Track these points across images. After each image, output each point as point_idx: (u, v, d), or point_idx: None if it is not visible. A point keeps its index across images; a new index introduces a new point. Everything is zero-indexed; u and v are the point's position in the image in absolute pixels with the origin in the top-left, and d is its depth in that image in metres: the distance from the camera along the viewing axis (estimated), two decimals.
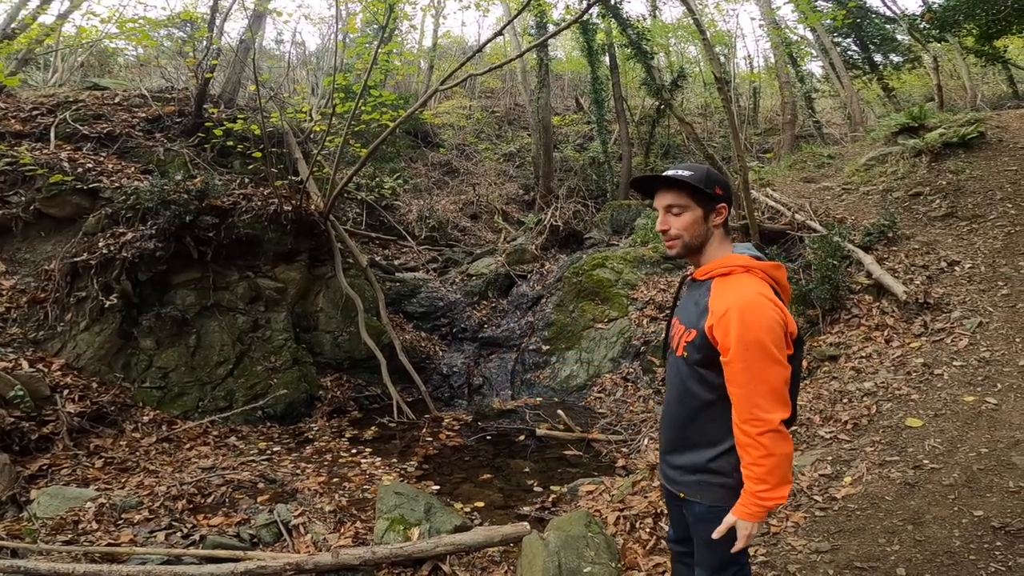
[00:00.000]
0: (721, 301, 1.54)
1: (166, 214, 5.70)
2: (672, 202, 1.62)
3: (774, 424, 1.47)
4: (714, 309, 1.54)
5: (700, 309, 1.60)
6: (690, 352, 1.60)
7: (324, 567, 3.00)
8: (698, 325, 1.58)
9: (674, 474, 1.70)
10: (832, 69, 14.04)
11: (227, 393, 5.85)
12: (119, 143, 7.12)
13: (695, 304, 1.63)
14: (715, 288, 1.59)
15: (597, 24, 13.50)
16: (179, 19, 10.35)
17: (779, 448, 1.47)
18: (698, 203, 1.61)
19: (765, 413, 1.47)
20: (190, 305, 5.95)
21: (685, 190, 1.60)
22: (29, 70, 10.05)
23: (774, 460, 1.47)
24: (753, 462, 1.48)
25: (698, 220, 1.62)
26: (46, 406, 4.68)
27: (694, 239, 1.63)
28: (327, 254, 7.36)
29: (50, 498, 3.77)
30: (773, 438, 1.47)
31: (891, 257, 5.89)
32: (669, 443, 1.73)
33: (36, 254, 5.84)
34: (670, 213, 1.63)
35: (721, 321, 1.51)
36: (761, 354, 1.47)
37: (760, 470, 1.47)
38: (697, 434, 1.63)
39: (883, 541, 2.60)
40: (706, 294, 1.60)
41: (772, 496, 1.48)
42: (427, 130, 15.29)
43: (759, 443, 1.47)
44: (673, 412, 1.70)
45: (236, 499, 4.05)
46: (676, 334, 1.70)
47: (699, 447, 1.62)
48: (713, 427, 1.60)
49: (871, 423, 3.70)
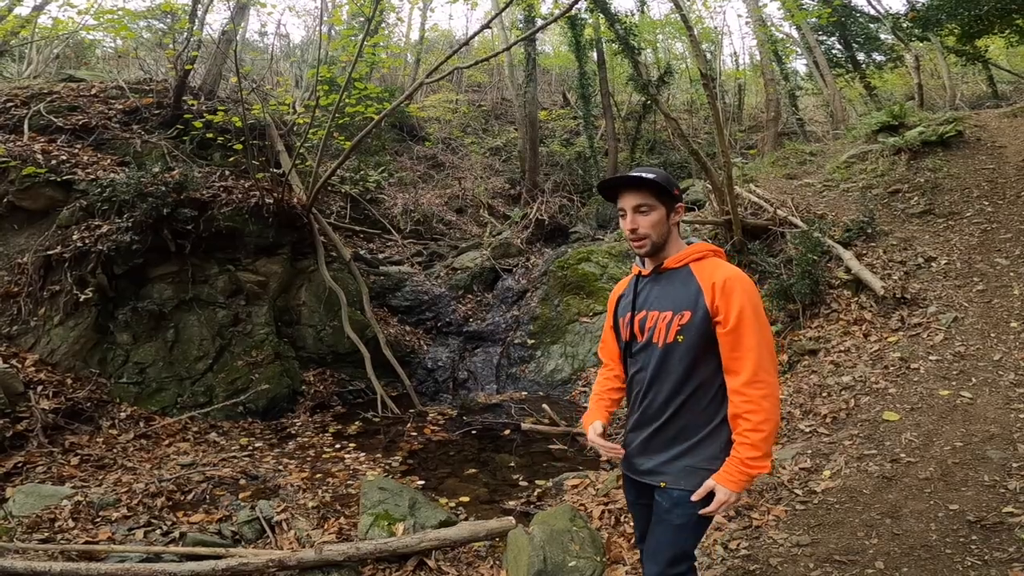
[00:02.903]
0: (714, 275, 1.64)
1: (143, 207, 5.59)
2: (641, 201, 1.69)
3: (777, 387, 1.58)
4: (710, 284, 1.63)
5: (691, 291, 1.67)
6: (687, 334, 1.64)
7: (307, 563, 2.98)
8: (695, 305, 1.64)
9: (655, 465, 1.72)
10: (816, 67, 14.19)
11: (207, 388, 5.77)
12: (95, 135, 6.96)
13: (680, 289, 1.70)
14: (696, 270, 1.70)
15: (585, 19, 13.48)
16: (159, 11, 10.11)
17: (776, 414, 1.56)
18: (662, 202, 1.70)
19: (769, 376, 1.56)
20: (168, 299, 5.85)
21: (652, 190, 1.68)
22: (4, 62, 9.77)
23: (771, 426, 1.55)
24: (753, 427, 1.55)
25: (662, 219, 1.71)
26: (20, 403, 4.61)
27: (660, 237, 1.72)
28: (310, 247, 7.28)
29: (25, 496, 3.71)
30: (774, 403, 1.55)
31: (870, 253, 5.97)
32: (651, 437, 1.73)
33: (9, 247, 5.70)
34: (639, 212, 1.70)
35: (723, 291, 1.60)
36: (763, 320, 1.60)
37: (757, 436, 1.54)
38: (692, 419, 1.67)
39: (862, 535, 2.65)
40: (689, 278, 1.70)
41: (759, 465, 1.55)
42: (413, 124, 15.16)
43: (762, 407, 1.54)
44: (661, 403, 1.70)
45: (217, 496, 4.02)
46: (656, 324, 1.71)
47: (689, 433, 1.67)
48: (708, 410, 1.66)
49: (849, 417, 3.75)
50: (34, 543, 3.19)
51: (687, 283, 1.69)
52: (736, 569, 2.59)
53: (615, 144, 13.76)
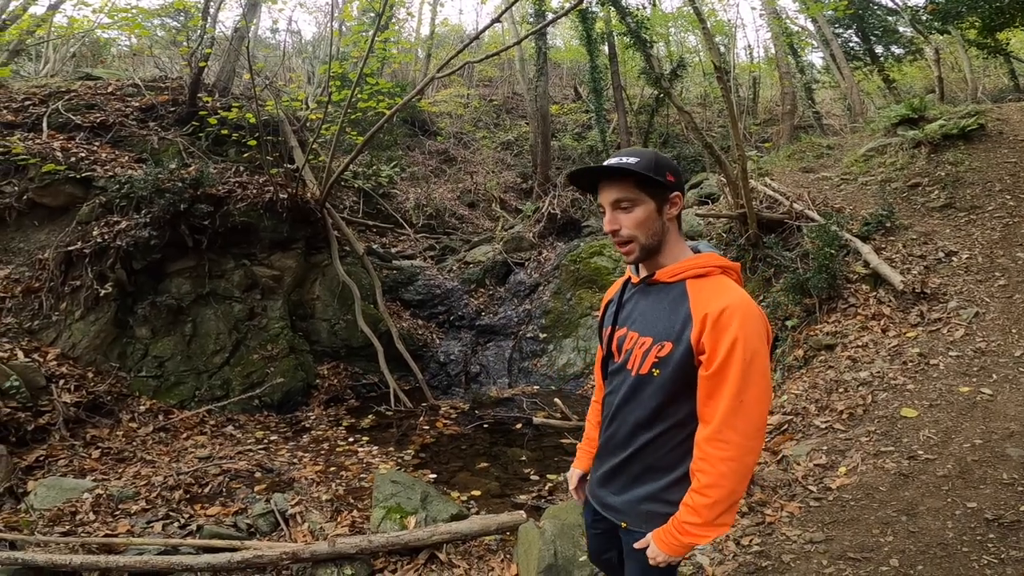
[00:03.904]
0: (711, 303, 1.31)
1: (160, 203, 5.66)
2: (620, 196, 1.37)
3: (747, 454, 1.28)
4: (702, 315, 1.31)
5: (679, 318, 1.35)
6: (663, 369, 1.35)
7: (320, 556, 3.01)
8: (679, 336, 1.34)
9: (617, 503, 1.50)
10: (833, 60, 13.97)
11: (224, 382, 5.85)
12: (112, 132, 7.06)
13: (666, 311, 1.39)
14: (693, 292, 1.37)
15: (596, 12, 13.37)
16: (172, 8, 10.23)
17: (732, 482, 1.28)
18: (649, 195, 1.37)
19: (740, 437, 1.26)
20: (185, 293, 5.93)
21: (632, 180, 1.36)
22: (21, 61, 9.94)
23: (720, 493, 1.27)
24: (699, 489, 1.30)
25: (651, 215, 1.38)
26: (42, 396, 4.66)
27: (651, 238, 1.39)
28: (324, 242, 7.33)
29: (47, 489, 3.76)
30: (733, 469, 1.27)
31: (889, 247, 5.88)
32: (615, 470, 1.50)
33: (30, 243, 5.80)
34: (619, 209, 1.39)
35: (715, 326, 1.28)
36: (759, 368, 1.28)
37: (700, 500, 1.28)
38: (658, 459, 1.42)
39: (877, 532, 2.62)
40: (681, 299, 1.37)
41: (696, 534, 1.30)
42: (425, 118, 15.19)
43: (716, 469, 1.27)
44: (625, 435, 1.45)
45: (233, 489, 4.06)
46: (633, 349, 1.43)
47: (656, 474, 1.42)
48: (678, 451, 1.40)
49: (866, 413, 3.70)
50: (55, 536, 3.24)
51: (676, 306, 1.37)
52: (747, 565, 2.57)
53: (628, 138, 13.66)
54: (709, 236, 8.08)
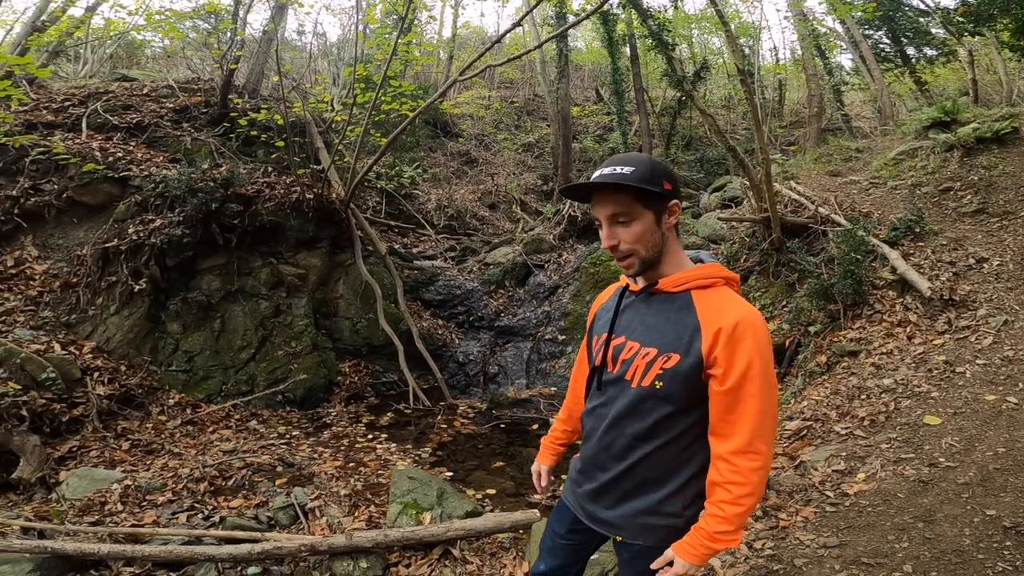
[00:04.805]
0: (723, 316, 1.29)
1: (193, 202, 5.84)
2: (616, 210, 1.33)
3: (771, 458, 1.32)
4: (714, 328, 1.29)
5: (687, 328, 1.32)
6: (669, 382, 1.33)
7: (337, 549, 3.07)
8: (688, 348, 1.31)
9: (611, 517, 1.46)
10: (862, 62, 13.68)
11: (249, 377, 5.99)
12: (148, 133, 7.31)
13: (672, 322, 1.35)
14: (699, 302, 1.34)
15: (617, 14, 13.34)
16: (204, 11, 10.53)
17: (762, 489, 1.31)
18: (647, 205, 1.33)
19: (766, 446, 1.29)
20: (215, 290, 6.09)
21: (628, 193, 1.31)
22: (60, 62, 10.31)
23: (753, 501, 1.30)
24: (732, 500, 1.29)
25: (650, 226, 1.34)
26: (77, 388, 4.79)
27: (651, 250, 1.35)
28: (347, 241, 7.47)
29: (79, 479, 3.87)
30: (763, 476, 1.30)
31: (917, 253, 5.76)
32: (609, 484, 1.46)
33: (68, 240, 6.04)
34: (617, 223, 1.34)
35: (730, 340, 1.26)
36: (773, 380, 1.30)
37: (733, 510, 1.29)
38: (655, 472, 1.40)
39: (892, 538, 2.59)
40: (687, 310, 1.34)
41: (728, 539, 1.31)
42: (446, 120, 15.32)
43: (750, 480, 1.28)
44: (621, 449, 1.42)
45: (255, 482, 4.14)
46: (634, 359, 1.39)
47: (653, 486, 1.41)
48: (674, 463, 1.39)
49: (888, 420, 3.65)
50: (84, 525, 3.34)
51: (683, 316, 1.34)
52: (759, 568, 2.57)
53: (649, 140, 13.60)
54: (731, 240, 8.00)
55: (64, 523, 3.37)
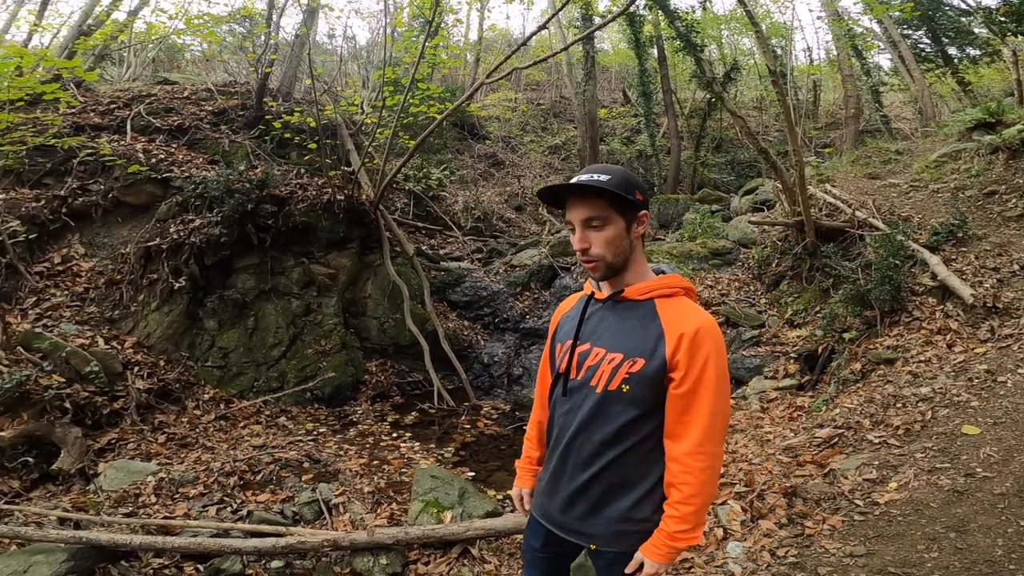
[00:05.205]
0: (685, 323, 1.37)
1: (230, 202, 6.02)
2: (592, 214, 1.38)
3: (720, 458, 1.39)
4: (677, 333, 1.36)
5: (651, 334, 1.38)
6: (635, 385, 1.38)
7: (359, 545, 3.12)
8: (652, 353, 1.37)
9: (584, 527, 1.48)
10: (902, 62, 13.26)
11: (280, 374, 6.13)
12: (188, 135, 7.58)
13: (637, 328, 1.41)
14: (664, 309, 1.41)
15: (644, 16, 13.24)
16: (239, 15, 10.87)
17: (712, 487, 1.38)
18: (620, 213, 1.39)
19: (715, 446, 1.36)
20: (250, 289, 6.26)
21: (605, 198, 1.38)
22: (105, 65, 10.74)
23: (703, 499, 1.36)
24: (683, 500, 1.36)
25: (621, 233, 1.40)
26: (118, 382, 4.95)
27: (618, 256, 1.42)
28: (376, 242, 7.59)
29: (116, 471, 4.00)
30: (713, 475, 1.37)
31: (959, 258, 5.56)
32: (578, 492, 1.48)
33: (113, 238, 6.29)
34: (590, 228, 1.39)
35: (691, 345, 1.34)
36: (727, 385, 1.39)
37: (687, 509, 1.36)
38: (623, 477, 1.44)
39: (922, 547, 2.52)
40: (652, 317, 1.41)
41: (688, 537, 1.37)
42: (473, 122, 15.43)
43: (699, 479, 1.35)
44: (588, 455, 1.45)
45: (283, 477, 4.22)
46: (600, 364, 1.43)
47: (622, 491, 1.44)
48: (640, 468, 1.43)
49: (924, 429, 3.54)
50: (118, 517, 3.45)
51: (648, 323, 1.40)
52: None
53: (678, 142, 13.45)
54: (763, 244, 7.85)
55: (99, 514, 3.49)
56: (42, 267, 5.76)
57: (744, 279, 7.57)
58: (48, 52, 8.45)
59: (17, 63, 5.62)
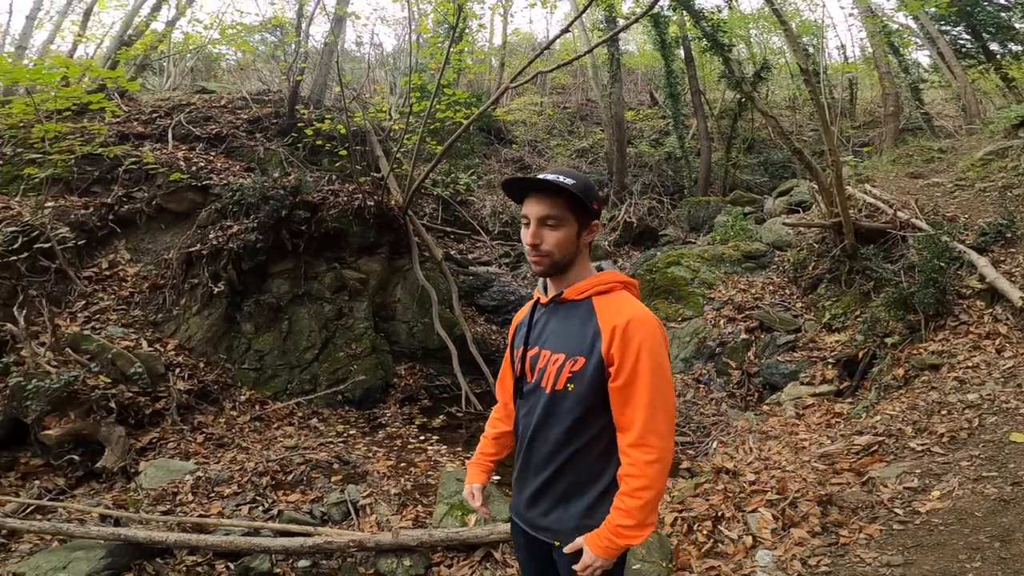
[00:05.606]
0: (617, 317, 1.40)
1: (265, 208, 6.19)
2: (550, 213, 1.43)
3: (667, 453, 1.38)
4: (610, 327, 1.39)
5: (589, 332, 1.43)
6: (578, 383, 1.42)
7: (384, 546, 3.16)
8: (590, 350, 1.41)
9: (548, 523, 1.52)
10: (941, 59, 12.78)
11: (312, 377, 6.25)
12: (226, 143, 7.83)
13: (576, 327, 1.46)
14: (599, 307, 1.45)
15: (669, 16, 13.09)
16: (270, 24, 11.19)
17: (660, 482, 1.37)
18: (575, 217, 1.45)
19: (660, 439, 1.36)
20: (284, 293, 6.41)
21: (564, 200, 1.43)
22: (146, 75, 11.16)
23: (651, 495, 1.36)
24: (629, 492, 1.36)
25: (572, 236, 1.46)
26: (160, 383, 5.14)
27: (564, 256, 1.47)
28: (405, 247, 7.69)
29: (156, 470, 4.13)
30: (659, 470, 1.37)
31: (1009, 260, 5.33)
32: (540, 490, 1.52)
33: (157, 244, 6.54)
34: (545, 225, 1.44)
35: (623, 337, 1.37)
36: (665, 374, 1.39)
37: (633, 503, 1.36)
38: (581, 474, 1.47)
39: (964, 557, 2.41)
40: (589, 315, 1.45)
41: (631, 535, 1.36)
42: (500, 127, 15.50)
43: (645, 473, 1.35)
44: (546, 454, 1.49)
45: (313, 478, 4.29)
46: (547, 366, 1.48)
47: (582, 488, 1.47)
48: (596, 465, 1.46)
49: (970, 437, 3.39)
50: (156, 514, 3.57)
51: (586, 322, 1.45)
52: None
53: (708, 144, 13.24)
54: (798, 246, 7.66)
55: (139, 512, 3.61)
56: (90, 272, 6.03)
57: (779, 282, 7.39)
58: (92, 62, 8.85)
59: (63, 73, 5.89)
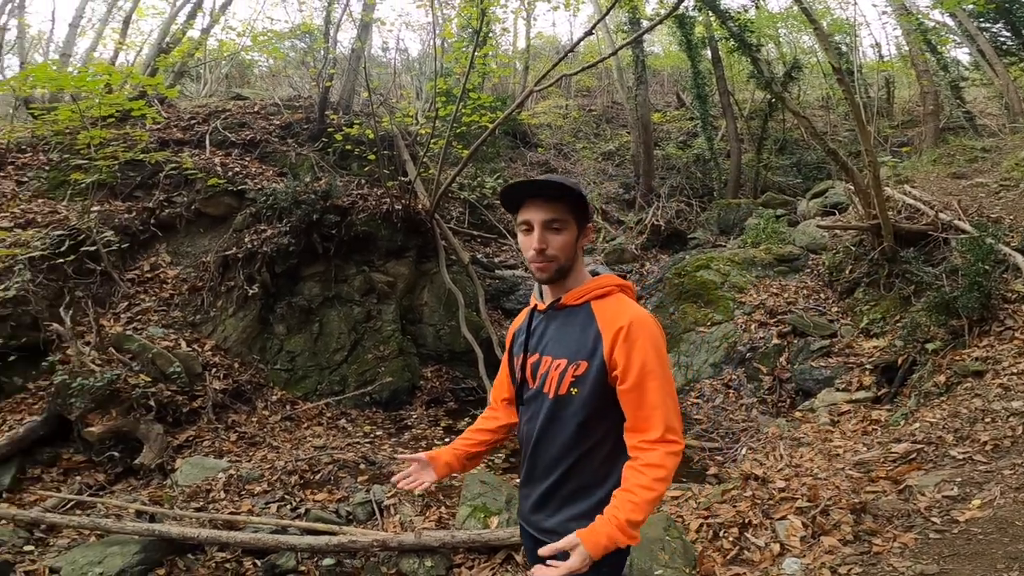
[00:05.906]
0: (618, 319, 1.41)
1: (297, 212, 6.34)
2: (554, 216, 1.42)
3: (682, 445, 1.40)
4: (612, 331, 1.40)
5: (590, 337, 1.43)
6: (582, 387, 1.43)
7: (406, 546, 3.19)
8: (592, 354, 1.42)
9: (552, 525, 1.51)
10: (982, 56, 12.30)
11: (341, 378, 6.36)
12: (259, 149, 8.06)
13: (577, 332, 1.47)
14: (598, 311, 1.46)
15: (695, 17, 12.90)
16: (299, 31, 11.49)
17: (672, 475, 1.38)
18: (576, 220, 1.47)
19: (676, 434, 1.38)
20: (315, 296, 6.55)
21: (566, 204, 1.43)
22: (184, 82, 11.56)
23: (664, 487, 1.36)
24: (647, 484, 1.33)
25: (573, 240, 1.47)
26: (197, 383, 5.31)
27: (568, 261, 1.48)
28: (432, 251, 7.77)
29: (191, 467, 4.25)
30: (677, 463, 1.37)
31: None
32: (547, 494, 1.53)
33: (195, 248, 6.76)
34: (550, 230, 1.43)
35: (625, 340, 1.37)
36: (669, 372, 1.41)
37: (647, 495, 1.33)
38: (586, 478, 1.48)
39: (1002, 567, 2.31)
40: (589, 319, 1.46)
41: (633, 534, 1.33)
42: (525, 130, 15.51)
43: (664, 463, 1.35)
44: (551, 459, 1.50)
45: (339, 478, 4.35)
46: (549, 372, 1.49)
47: (587, 491, 1.47)
48: (601, 469, 1.47)
49: (1014, 445, 3.25)
50: (190, 511, 3.67)
51: (586, 326, 1.46)
52: None
53: (738, 145, 12.99)
54: (834, 249, 7.46)
55: (173, 508, 3.73)
56: (133, 274, 6.27)
57: (813, 286, 7.20)
58: (133, 70, 9.21)
59: (106, 80, 6.15)
